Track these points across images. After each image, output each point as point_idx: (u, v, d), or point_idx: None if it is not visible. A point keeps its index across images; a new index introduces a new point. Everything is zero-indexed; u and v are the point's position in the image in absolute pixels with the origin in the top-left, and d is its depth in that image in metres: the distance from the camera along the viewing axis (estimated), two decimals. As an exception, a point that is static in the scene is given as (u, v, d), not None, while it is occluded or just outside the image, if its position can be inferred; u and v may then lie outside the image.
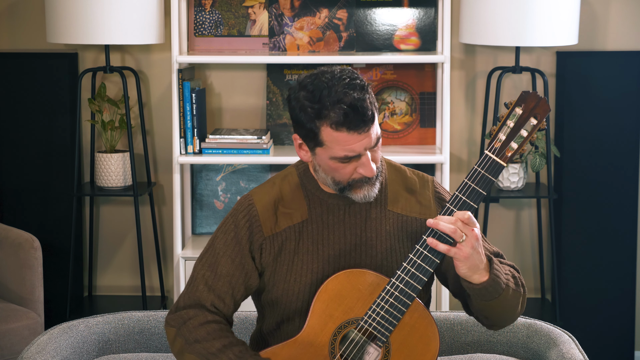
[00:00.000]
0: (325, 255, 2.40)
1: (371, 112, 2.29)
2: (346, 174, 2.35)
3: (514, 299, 2.40)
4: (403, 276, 2.31)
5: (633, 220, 4.37)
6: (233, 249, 2.42)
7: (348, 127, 2.27)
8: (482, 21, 4.00)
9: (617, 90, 4.32)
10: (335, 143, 2.30)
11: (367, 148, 2.31)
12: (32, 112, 4.39)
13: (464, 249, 2.27)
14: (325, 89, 2.29)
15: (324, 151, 2.33)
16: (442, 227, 2.27)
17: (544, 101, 2.32)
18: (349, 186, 2.36)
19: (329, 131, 2.30)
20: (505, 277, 2.38)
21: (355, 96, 2.27)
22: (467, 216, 2.28)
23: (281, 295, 2.42)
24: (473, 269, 2.30)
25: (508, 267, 2.44)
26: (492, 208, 4.47)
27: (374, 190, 2.37)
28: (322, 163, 2.36)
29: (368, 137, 2.30)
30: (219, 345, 2.37)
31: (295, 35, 4.33)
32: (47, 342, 2.69)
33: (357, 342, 2.35)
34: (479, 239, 2.29)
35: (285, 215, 2.42)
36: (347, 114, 2.27)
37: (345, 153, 2.31)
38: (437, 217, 2.29)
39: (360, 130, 2.28)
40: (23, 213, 4.43)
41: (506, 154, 2.33)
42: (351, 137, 2.29)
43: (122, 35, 4.03)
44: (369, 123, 2.29)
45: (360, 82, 2.30)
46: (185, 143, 4.14)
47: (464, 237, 2.27)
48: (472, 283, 2.33)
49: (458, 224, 2.28)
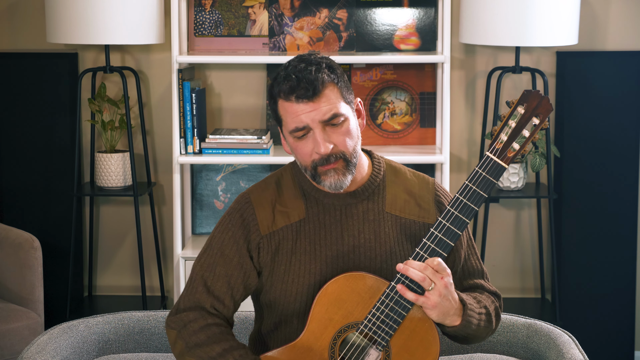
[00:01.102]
0: (323, 256, 2.40)
1: (319, 82, 2.31)
2: (306, 154, 2.35)
3: (482, 333, 2.44)
4: (403, 280, 2.31)
5: (633, 220, 4.37)
6: (231, 248, 2.42)
7: (295, 96, 2.31)
8: (482, 21, 3.99)
9: (617, 90, 4.32)
10: (286, 114, 2.34)
11: (317, 121, 2.32)
12: (32, 112, 4.39)
13: (431, 298, 2.28)
14: (284, 68, 2.36)
15: (285, 129, 2.37)
16: (411, 273, 2.27)
17: (547, 100, 2.30)
18: (315, 171, 2.36)
19: (281, 103, 2.35)
20: (478, 317, 2.39)
21: (301, 67, 2.33)
22: (436, 263, 2.28)
23: (279, 296, 2.41)
24: (443, 316, 2.32)
25: (485, 302, 2.45)
26: (492, 208, 4.47)
27: (344, 179, 2.36)
28: (290, 146, 2.39)
29: (316, 109, 2.31)
30: (219, 350, 2.37)
31: (295, 35, 4.33)
32: (47, 342, 2.69)
33: (357, 346, 2.35)
34: (448, 287, 2.29)
35: (283, 213, 2.42)
36: (292, 84, 2.31)
37: (295, 124, 2.32)
38: (407, 261, 2.29)
39: (305, 98, 2.31)
40: (23, 213, 4.43)
41: (508, 155, 2.31)
42: (298, 107, 2.32)
43: (122, 35, 4.03)
44: (314, 92, 2.31)
45: (314, 59, 2.35)
46: (185, 143, 4.14)
47: (433, 285, 2.28)
48: (443, 325, 2.37)
49: (428, 271, 2.28)
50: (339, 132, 2.34)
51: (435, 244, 2.31)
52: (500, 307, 2.50)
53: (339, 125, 2.34)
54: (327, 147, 2.32)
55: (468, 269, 2.50)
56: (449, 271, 2.30)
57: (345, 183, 2.36)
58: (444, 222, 2.31)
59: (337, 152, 2.34)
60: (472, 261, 2.51)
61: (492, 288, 2.51)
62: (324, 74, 2.33)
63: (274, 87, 2.36)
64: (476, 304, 2.40)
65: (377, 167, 2.47)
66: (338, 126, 2.34)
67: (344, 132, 2.34)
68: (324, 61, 2.36)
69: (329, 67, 2.35)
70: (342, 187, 2.37)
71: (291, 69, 2.34)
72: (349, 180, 2.37)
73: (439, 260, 2.29)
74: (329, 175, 2.35)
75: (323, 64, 2.35)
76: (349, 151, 2.35)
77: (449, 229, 2.31)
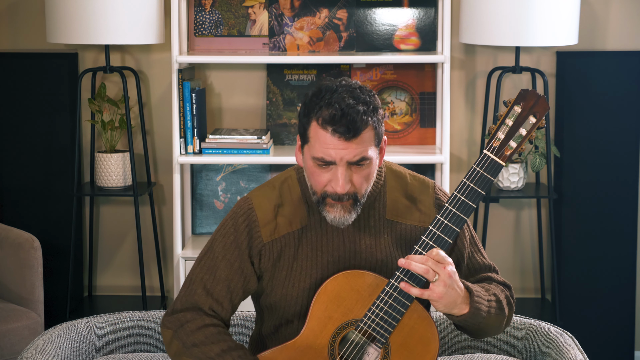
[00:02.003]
0: (324, 261, 2.40)
1: (362, 125, 2.27)
2: (320, 183, 2.33)
3: (496, 322, 2.42)
4: (402, 277, 2.31)
5: (633, 220, 4.37)
6: (232, 253, 2.41)
7: (333, 128, 2.27)
8: (482, 21, 3.99)
9: (617, 90, 4.31)
10: (317, 140, 2.30)
11: (345, 160, 2.29)
12: (32, 112, 4.39)
13: (436, 289, 2.28)
14: (330, 91, 2.30)
15: (308, 149, 2.33)
16: (413, 267, 2.27)
17: (543, 99, 2.31)
18: (323, 200, 2.34)
19: (315, 126, 2.30)
20: (488, 304, 2.38)
21: (350, 103, 2.28)
22: (435, 253, 2.28)
23: (280, 299, 2.41)
24: (450, 305, 2.31)
25: (494, 290, 2.44)
26: (492, 208, 4.47)
27: (348, 217, 2.34)
28: (306, 164, 2.36)
29: (349, 150, 2.28)
30: (217, 350, 2.36)
31: (295, 35, 4.33)
32: (47, 342, 2.69)
33: (357, 343, 2.35)
34: (452, 276, 2.28)
35: (285, 221, 2.41)
36: (335, 115, 2.27)
37: (322, 155, 2.29)
38: (408, 256, 2.29)
39: (343, 136, 2.27)
40: (23, 213, 4.43)
41: (505, 153, 2.32)
42: (332, 141, 2.28)
43: (122, 35, 4.03)
44: (355, 134, 2.27)
45: (366, 98, 2.30)
46: (185, 143, 4.14)
47: (437, 276, 2.27)
48: (452, 315, 2.35)
49: (429, 263, 2.27)
50: (360, 173, 2.32)
51: (434, 242, 2.31)
52: (512, 297, 2.48)
53: (363, 167, 2.32)
54: (344, 188, 2.30)
55: (474, 266, 2.50)
56: (450, 260, 2.30)
57: (349, 220, 2.35)
58: (442, 219, 2.32)
59: (351, 192, 2.32)
60: (477, 258, 2.50)
61: (501, 279, 2.50)
62: (368, 117, 2.29)
63: (314, 107, 2.30)
64: (484, 292, 2.39)
65: (377, 174, 2.46)
66: (361, 167, 2.32)
67: (365, 175, 2.33)
68: (372, 102, 2.31)
69: (374, 110, 2.31)
70: (344, 224, 2.35)
71: (339, 98, 2.28)
72: (352, 218, 2.35)
73: (437, 250, 2.29)
74: (335, 209, 2.34)
75: (371, 106, 2.30)
76: (361, 192, 2.34)
77: (447, 226, 2.31)
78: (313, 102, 2.31)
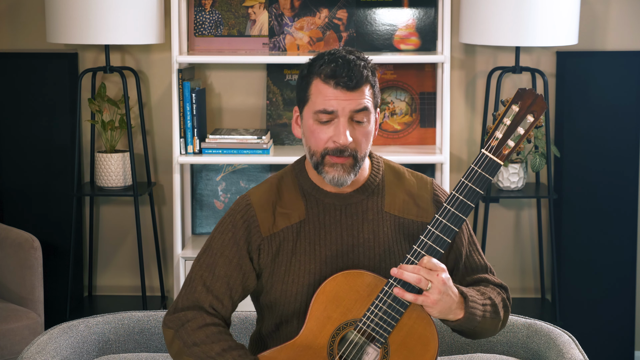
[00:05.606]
0: (322, 255, 2.40)
1: (362, 77, 2.33)
2: (321, 140, 2.35)
3: (491, 325, 2.43)
4: (395, 284, 2.31)
5: (633, 220, 4.37)
6: (231, 249, 2.42)
7: (335, 80, 2.33)
8: (482, 21, 4.00)
9: (617, 90, 4.32)
10: (318, 95, 2.34)
11: (347, 110, 2.33)
12: (32, 112, 4.39)
13: (431, 296, 2.29)
14: (329, 52, 2.38)
15: (308, 109, 2.37)
16: (406, 277, 2.28)
17: (541, 98, 2.31)
18: (322, 159, 2.36)
19: (317, 83, 2.35)
20: (483, 308, 2.39)
21: (350, 58, 2.35)
22: (426, 261, 2.29)
23: (279, 296, 2.42)
24: (445, 311, 2.32)
25: (490, 293, 2.45)
26: (492, 208, 4.47)
27: (347, 177, 2.37)
28: (306, 125, 2.38)
29: (351, 100, 2.33)
30: (218, 349, 2.37)
31: (295, 35, 4.33)
32: (47, 342, 2.69)
33: (356, 343, 2.35)
34: (446, 283, 2.30)
35: (283, 215, 2.42)
36: (337, 67, 2.33)
37: (324, 106, 2.33)
38: (401, 266, 2.30)
39: (345, 86, 2.32)
40: (23, 213, 4.43)
41: (503, 152, 2.32)
42: (334, 92, 2.33)
43: (122, 35, 4.03)
44: (356, 84, 2.33)
45: (365, 57, 2.38)
46: (185, 143, 4.14)
47: (430, 284, 2.29)
48: (447, 320, 2.36)
49: (422, 272, 2.29)
50: (360, 130, 2.36)
51: (432, 241, 2.32)
52: (508, 299, 2.49)
53: (362, 124, 2.36)
54: (347, 138, 2.33)
55: (470, 265, 2.51)
56: (443, 266, 2.30)
57: (347, 181, 2.37)
58: (440, 218, 2.32)
59: (352, 148, 2.35)
60: (475, 257, 2.51)
61: (498, 281, 2.51)
62: (368, 72, 2.36)
63: (314, 65, 2.37)
64: (479, 296, 2.40)
65: (375, 167, 2.48)
66: (361, 124, 2.36)
67: (364, 133, 2.36)
68: (370, 62, 2.39)
69: (372, 69, 2.38)
70: (342, 184, 2.37)
71: (339, 55, 2.36)
72: (350, 179, 2.38)
73: (428, 258, 2.30)
74: (335, 168, 2.36)
75: (370, 64, 2.38)
76: (361, 152, 2.37)
77: (445, 225, 2.32)
78: (314, 62, 2.38)
